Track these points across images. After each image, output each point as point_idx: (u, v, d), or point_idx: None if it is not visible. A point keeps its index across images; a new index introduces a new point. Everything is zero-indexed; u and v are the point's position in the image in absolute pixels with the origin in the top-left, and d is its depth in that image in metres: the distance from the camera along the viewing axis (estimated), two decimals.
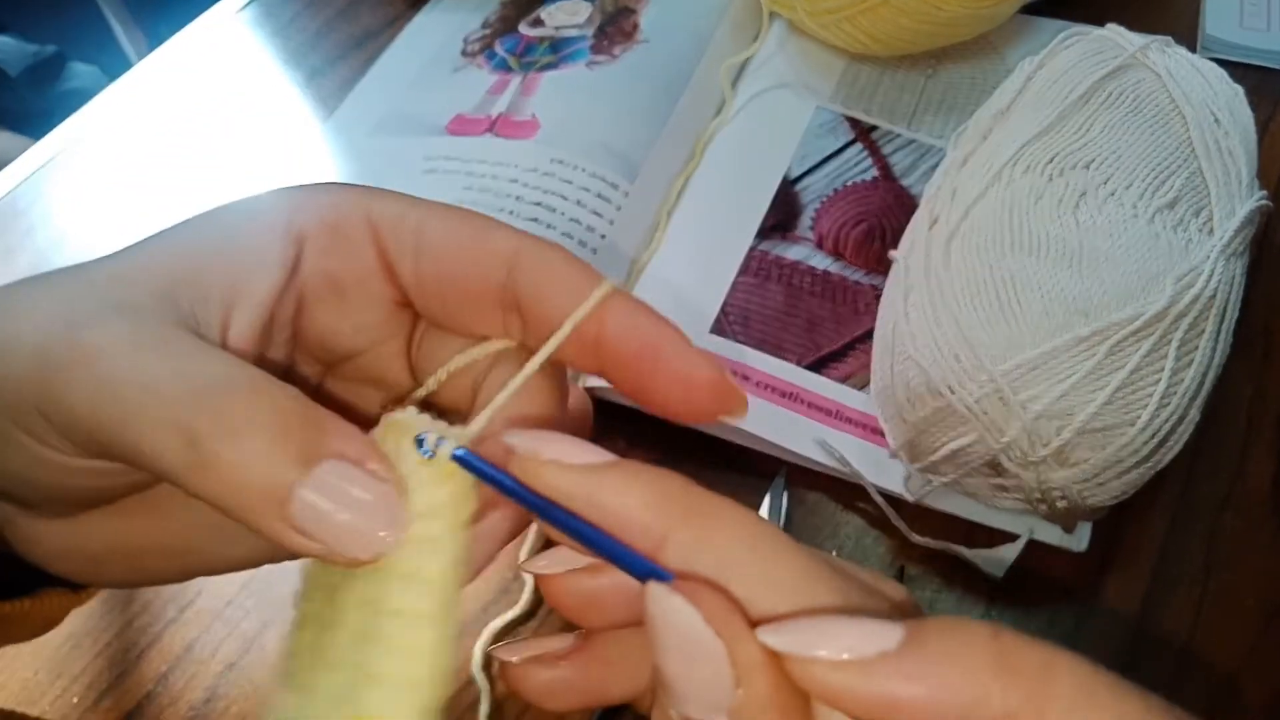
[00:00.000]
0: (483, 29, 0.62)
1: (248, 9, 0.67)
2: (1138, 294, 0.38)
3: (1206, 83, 0.45)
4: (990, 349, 0.38)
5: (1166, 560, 0.41)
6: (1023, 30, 0.58)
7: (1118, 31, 0.47)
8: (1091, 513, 0.39)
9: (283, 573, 0.43)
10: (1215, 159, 0.43)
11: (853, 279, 0.49)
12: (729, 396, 0.22)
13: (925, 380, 0.39)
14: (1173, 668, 0.39)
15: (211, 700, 0.40)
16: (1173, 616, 0.40)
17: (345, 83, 0.61)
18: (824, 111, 0.55)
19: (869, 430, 0.43)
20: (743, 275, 0.49)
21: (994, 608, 0.40)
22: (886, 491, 0.42)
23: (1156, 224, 0.41)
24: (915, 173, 0.53)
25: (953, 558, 0.41)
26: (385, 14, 0.65)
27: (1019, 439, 0.37)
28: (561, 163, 0.51)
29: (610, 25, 0.60)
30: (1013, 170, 0.43)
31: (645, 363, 0.22)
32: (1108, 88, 0.45)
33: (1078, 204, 0.42)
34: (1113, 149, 0.43)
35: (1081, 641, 0.40)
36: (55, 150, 0.60)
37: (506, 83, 0.57)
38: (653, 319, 0.22)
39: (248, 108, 0.62)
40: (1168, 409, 0.37)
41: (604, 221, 0.50)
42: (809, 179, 0.53)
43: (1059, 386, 0.36)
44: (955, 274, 0.40)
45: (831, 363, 0.46)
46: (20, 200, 0.58)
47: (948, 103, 0.56)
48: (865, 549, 0.42)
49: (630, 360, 0.22)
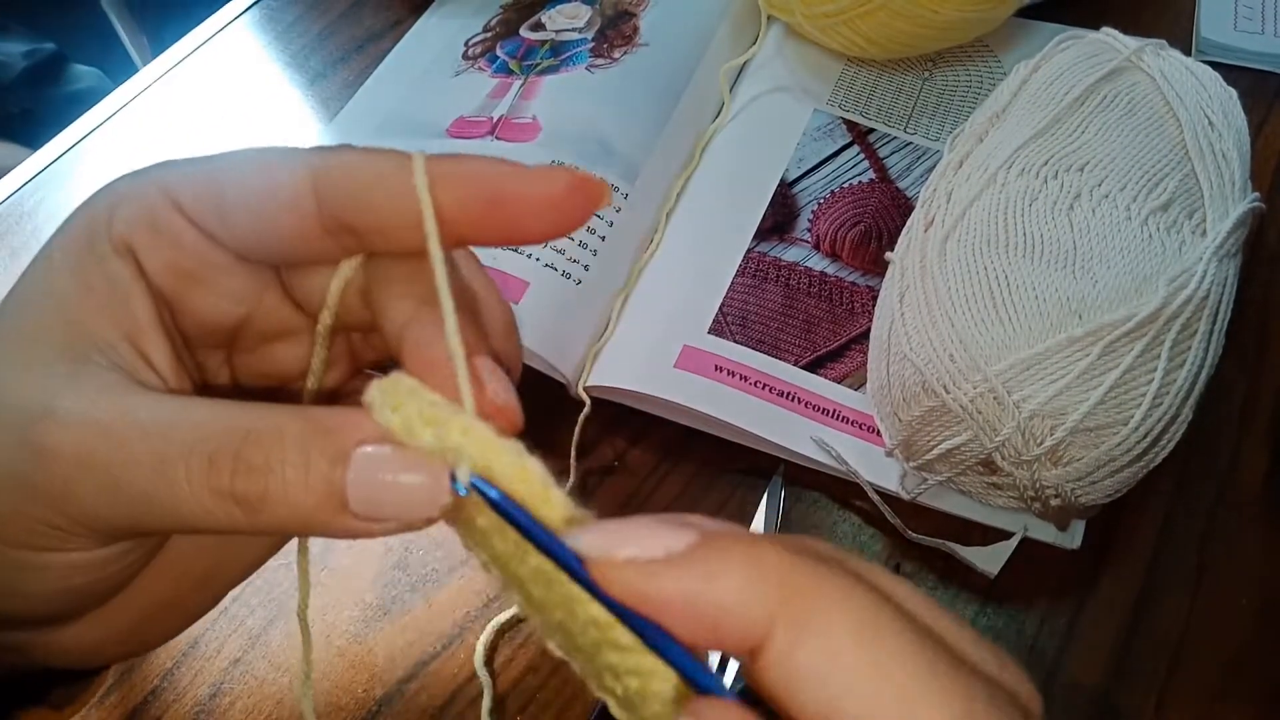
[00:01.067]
0: (484, 33, 0.62)
1: (250, 12, 0.68)
2: (1131, 295, 0.39)
3: (1200, 85, 0.46)
4: (985, 349, 0.38)
5: (1159, 558, 0.42)
6: (1018, 34, 0.59)
7: (1112, 35, 0.48)
8: (1085, 511, 0.39)
9: (287, 569, 0.43)
10: (1209, 161, 0.43)
11: (849, 280, 0.49)
12: (589, 189, 0.21)
13: (920, 380, 0.39)
14: (1166, 665, 0.39)
15: (217, 696, 0.40)
16: (1166, 614, 0.40)
17: (347, 86, 0.62)
18: (821, 114, 0.56)
19: (865, 429, 0.44)
20: (741, 276, 0.49)
21: (988, 605, 0.41)
22: (882, 489, 0.43)
23: (1150, 226, 0.41)
24: (911, 175, 0.53)
25: (948, 555, 0.41)
26: (387, 18, 0.66)
27: (1013, 438, 0.37)
28: (562, 165, 0.52)
29: (610, 29, 0.60)
30: (1008, 172, 0.44)
31: (498, 207, 0.21)
32: (1102, 91, 0.46)
33: (1072, 206, 0.42)
34: (1107, 151, 0.43)
35: (1075, 639, 0.40)
36: (60, 153, 0.61)
37: (507, 86, 0.58)
38: (479, 164, 0.21)
39: (250, 111, 0.62)
40: (1160, 408, 0.37)
41: (603, 223, 0.50)
42: (806, 181, 0.53)
43: (1053, 386, 0.37)
44: (950, 275, 0.41)
45: (828, 363, 0.46)
46: (25, 202, 0.59)
47: (944, 105, 0.56)
48: (861, 546, 0.43)
49: (483, 212, 0.21)
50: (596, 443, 0.46)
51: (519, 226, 0.21)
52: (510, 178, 0.21)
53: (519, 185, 0.21)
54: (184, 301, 0.23)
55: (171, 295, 0.23)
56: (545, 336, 0.46)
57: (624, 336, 0.47)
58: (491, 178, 0.21)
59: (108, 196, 0.23)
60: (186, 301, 0.23)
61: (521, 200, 0.21)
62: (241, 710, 0.40)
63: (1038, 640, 0.40)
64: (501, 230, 0.22)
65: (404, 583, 0.43)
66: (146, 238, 0.22)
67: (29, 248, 0.57)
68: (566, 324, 0.47)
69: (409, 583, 0.43)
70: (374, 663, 0.41)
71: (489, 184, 0.21)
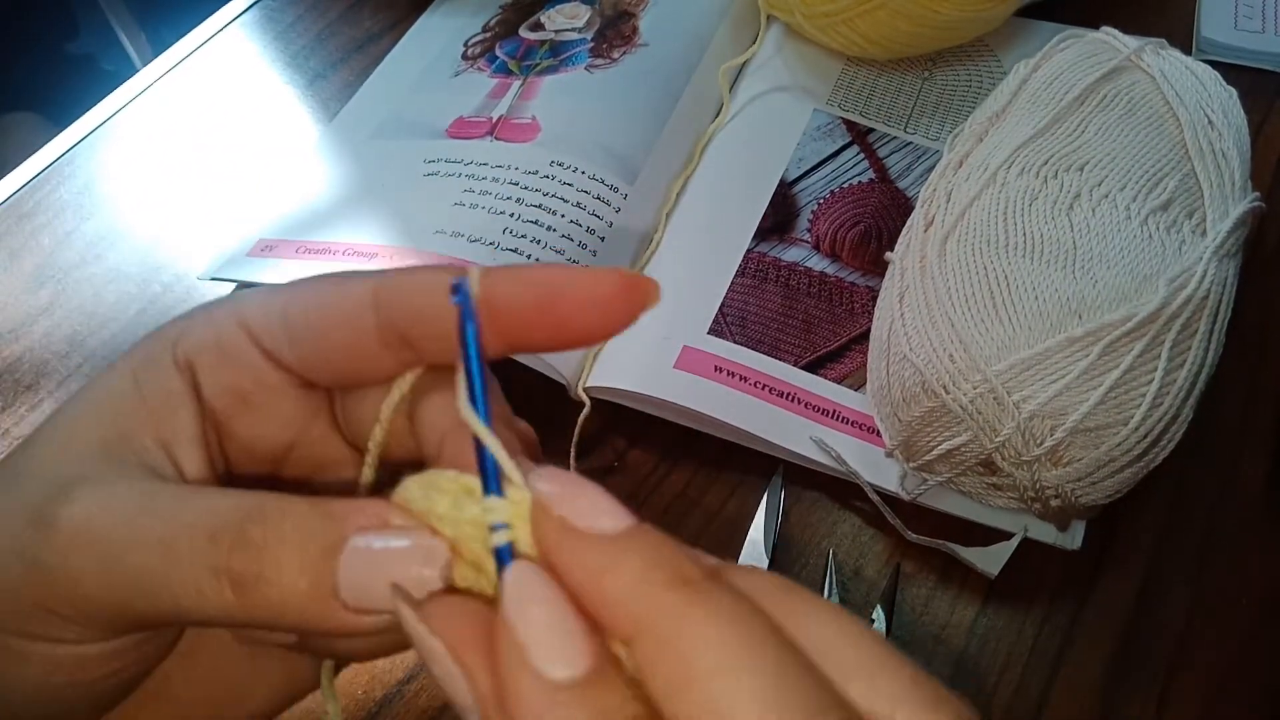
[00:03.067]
0: (483, 33, 0.62)
1: (250, 13, 0.68)
2: (1131, 295, 0.39)
3: (1200, 85, 0.46)
4: (984, 349, 0.38)
5: (1160, 559, 0.42)
6: (1018, 33, 0.59)
7: (1112, 34, 0.48)
8: (1085, 511, 0.39)
9: None
10: (1209, 161, 0.43)
11: (849, 280, 0.49)
12: (639, 289, 0.21)
13: (920, 380, 0.39)
14: (1166, 666, 0.39)
15: None
16: (1166, 615, 0.40)
17: (346, 86, 0.62)
18: (821, 114, 0.56)
19: (865, 430, 0.44)
20: (740, 276, 0.49)
21: (988, 605, 0.41)
22: (882, 490, 0.43)
23: (1150, 226, 0.41)
24: (911, 175, 0.53)
25: (948, 556, 0.41)
26: (386, 18, 0.66)
27: (1013, 438, 0.37)
28: (561, 165, 0.52)
29: (610, 29, 0.60)
30: (1007, 172, 0.43)
31: (549, 307, 0.21)
32: (1102, 90, 0.46)
33: (1072, 206, 0.42)
34: (1107, 151, 0.43)
35: (1075, 640, 0.40)
36: (59, 153, 0.61)
37: (507, 86, 0.58)
38: (532, 270, 0.22)
39: (250, 111, 0.62)
40: (1161, 409, 0.37)
41: (603, 223, 0.50)
42: (806, 181, 0.53)
43: (1053, 386, 0.37)
44: (950, 275, 0.41)
45: (828, 363, 0.46)
46: (25, 203, 0.59)
47: (944, 105, 0.56)
48: (862, 547, 0.43)
49: (534, 313, 0.21)
50: (596, 443, 0.46)
51: (569, 327, 0.22)
52: (561, 280, 0.21)
53: (570, 287, 0.21)
54: (234, 423, 0.24)
55: (223, 415, 0.24)
56: None
57: (624, 337, 0.46)
58: (543, 281, 0.21)
59: (184, 319, 0.24)
60: (236, 423, 0.24)
61: (572, 302, 0.21)
62: None
63: (1038, 640, 0.40)
64: (553, 332, 0.22)
65: None
66: (210, 358, 0.23)
67: (28, 248, 0.57)
68: None
69: None
70: (374, 663, 0.41)
71: (541, 286, 0.21)
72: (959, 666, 0.40)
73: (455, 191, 0.51)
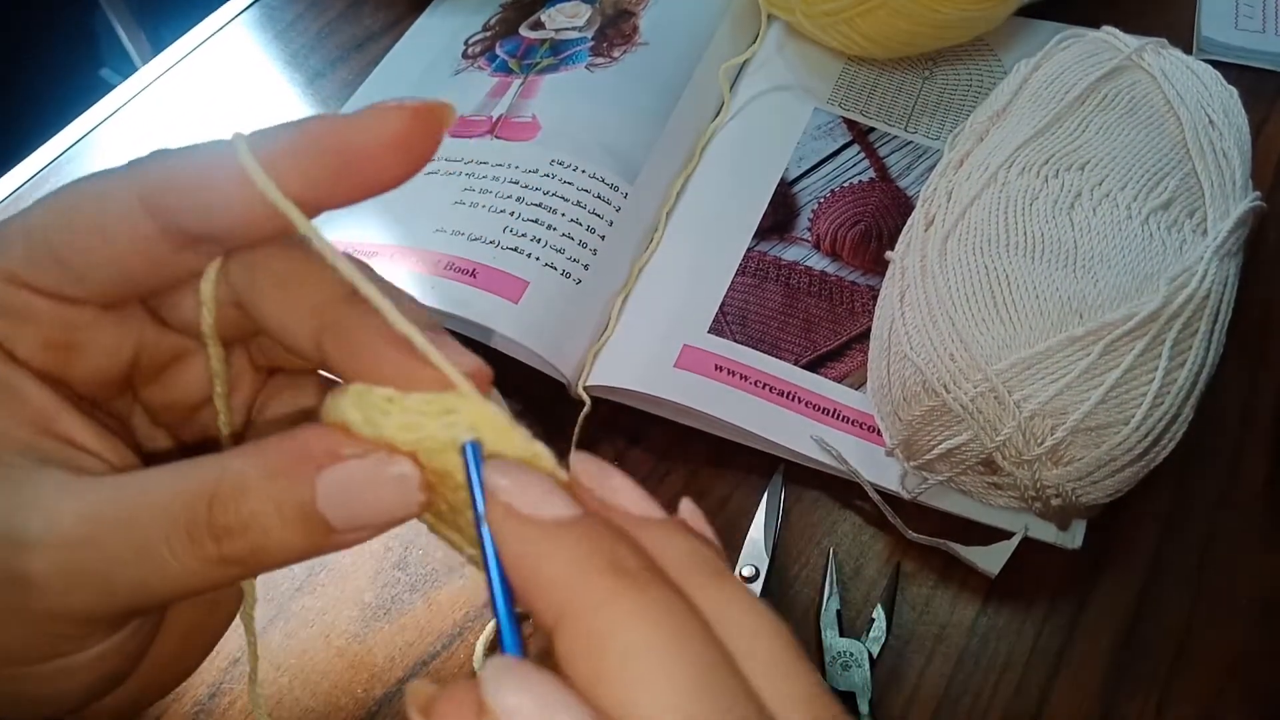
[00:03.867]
0: (483, 32, 0.62)
1: (249, 11, 0.68)
2: (1132, 294, 0.39)
3: (1201, 84, 0.46)
4: (985, 348, 0.38)
5: (1160, 558, 0.42)
6: (1019, 32, 0.59)
7: (1113, 33, 0.48)
8: (1086, 511, 0.39)
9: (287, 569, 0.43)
10: (1210, 160, 0.43)
11: (849, 279, 0.49)
12: (432, 114, 0.20)
13: (921, 379, 0.39)
14: (1167, 666, 0.39)
15: (216, 696, 0.40)
16: (1167, 614, 0.40)
17: (346, 85, 0.62)
18: (822, 113, 0.56)
19: (865, 429, 0.44)
20: (741, 275, 0.49)
21: (989, 605, 0.41)
22: (883, 489, 0.43)
23: (1151, 225, 0.41)
24: (912, 174, 0.53)
25: (948, 555, 0.41)
26: (386, 17, 0.65)
27: (1013, 437, 0.37)
28: (561, 164, 0.52)
29: (610, 28, 0.60)
30: (1008, 171, 0.43)
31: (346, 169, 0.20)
32: (1103, 89, 0.46)
33: (1073, 205, 0.42)
34: (1108, 150, 0.43)
35: (1075, 640, 0.40)
36: (59, 153, 0.61)
37: (507, 85, 0.58)
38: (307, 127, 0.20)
39: (249, 110, 0.62)
40: (1161, 408, 0.37)
41: (603, 222, 0.50)
42: (807, 180, 0.53)
43: (1053, 385, 0.37)
44: (951, 274, 0.41)
45: (829, 362, 0.46)
46: (27, 200, 0.59)
47: (944, 104, 0.56)
48: (862, 546, 0.43)
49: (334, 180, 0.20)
50: (596, 442, 0.46)
51: (372, 179, 0.20)
52: (346, 133, 0.20)
53: (359, 137, 0.20)
54: (69, 370, 0.23)
55: (54, 370, 0.22)
56: (545, 336, 0.45)
57: (624, 336, 0.47)
58: (326, 139, 0.20)
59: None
60: (71, 370, 0.23)
61: (366, 151, 0.20)
62: (241, 710, 0.40)
63: (1038, 640, 0.40)
64: (355, 190, 0.20)
65: (403, 582, 0.43)
66: (2, 326, 0.22)
67: None
68: (566, 323, 0.47)
69: (408, 582, 0.43)
70: (373, 662, 0.41)
71: (327, 147, 0.20)
72: (959, 666, 0.40)
73: (455, 190, 0.51)
